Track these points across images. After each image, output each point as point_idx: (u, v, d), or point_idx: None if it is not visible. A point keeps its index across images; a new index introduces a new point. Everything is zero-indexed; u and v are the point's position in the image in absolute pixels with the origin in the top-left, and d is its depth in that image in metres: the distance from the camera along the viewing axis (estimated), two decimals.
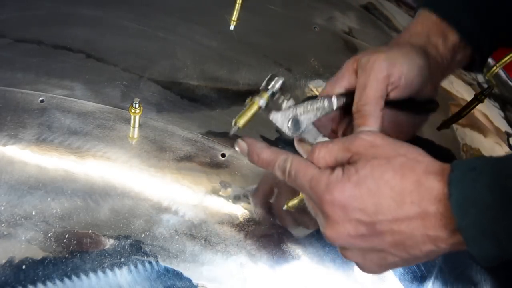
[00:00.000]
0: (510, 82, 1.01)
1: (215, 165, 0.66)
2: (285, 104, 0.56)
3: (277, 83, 0.55)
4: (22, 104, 0.66)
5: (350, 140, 0.50)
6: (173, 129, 0.68)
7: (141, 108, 0.64)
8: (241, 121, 0.55)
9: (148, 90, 0.71)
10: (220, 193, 0.64)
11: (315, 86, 0.79)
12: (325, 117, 0.59)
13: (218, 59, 0.78)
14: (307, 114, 0.57)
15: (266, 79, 0.56)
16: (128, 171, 0.63)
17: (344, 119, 0.61)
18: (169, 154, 0.65)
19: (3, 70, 0.69)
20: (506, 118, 0.93)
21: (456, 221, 0.43)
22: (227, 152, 0.67)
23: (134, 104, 0.63)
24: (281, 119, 0.56)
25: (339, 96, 0.58)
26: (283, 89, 0.56)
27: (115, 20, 0.79)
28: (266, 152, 0.54)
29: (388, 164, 0.47)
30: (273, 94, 0.56)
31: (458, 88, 0.92)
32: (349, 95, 0.58)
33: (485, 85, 0.94)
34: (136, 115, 0.64)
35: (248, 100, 0.56)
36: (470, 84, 0.94)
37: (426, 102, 0.62)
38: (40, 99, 0.67)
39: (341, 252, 0.51)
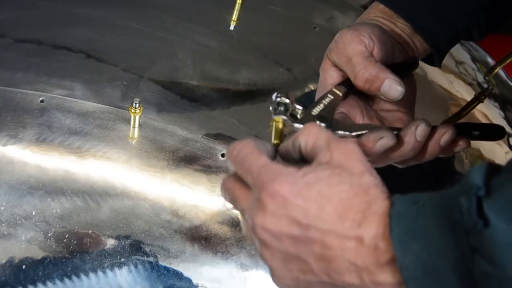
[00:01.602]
0: (510, 82, 1.01)
1: (215, 165, 0.66)
2: (300, 112, 0.56)
3: (284, 100, 0.55)
4: (22, 104, 0.66)
5: (338, 143, 0.46)
6: (173, 129, 0.68)
7: (141, 108, 0.64)
8: (278, 141, 0.53)
9: (148, 90, 0.71)
10: (220, 193, 0.64)
11: (315, 86, 0.79)
12: (340, 115, 0.58)
13: (218, 59, 0.78)
14: (324, 110, 0.56)
15: (273, 101, 0.55)
16: (128, 171, 0.63)
17: (356, 109, 0.59)
18: (169, 154, 0.65)
19: (3, 70, 0.69)
20: (506, 118, 0.93)
21: (398, 258, 0.39)
22: None
23: (134, 104, 0.63)
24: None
25: (336, 86, 0.57)
26: (290, 104, 0.55)
27: (115, 20, 0.79)
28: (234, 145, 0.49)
29: (349, 177, 0.43)
30: (285, 109, 0.55)
31: (458, 88, 0.92)
32: (346, 82, 0.57)
33: (485, 85, 0.94)
34: (136, 115, 0.64)
35: (270, 126, 0.55)
36: (470, 84, 0.94)
37: (403, 62, 0.62)
38: (40, 99, 0.67)
39: (261, 251, 0.46)
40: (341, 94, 0.56)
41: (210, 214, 0.63)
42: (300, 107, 0.56)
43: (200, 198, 0.63)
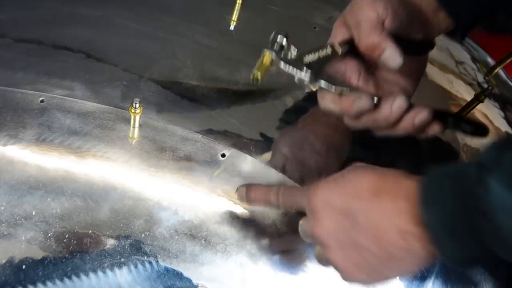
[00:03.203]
0: (510, 82, 1.01)
1: (215, 165, 0.66)
2: (293, 56, 0.57)
3: (282, 39, 0.57)
4: (22, 104, 0.66)
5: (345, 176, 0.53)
6: (173, 129, 0.68)
7: (141, 108, 0.64)
8: (259, 73, 0.56)
9: (148, 90, 0.71)
10: (220, 193, 0.64)
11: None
12: (335, 70, 0.59)
13: (218, 59, 0.78)
14: (317, 61, 0.58)
15: (271, 38, 0.57)
16: (128, 171, 0.63)
17: (354, 70, 0.61)
18: (169, 154, 0.65)
19: (3, 70, 0.69)
20: (506, 118, 0.93)
21: (428, 223, 0.45)
22: (227, 152, 0.67)
23: (134, 104, 0.63)
24: (293, 68, 0.57)
25: (340, 44, 0.58)
26: (288, 45, 0.57)
27: (115, 20, 0.79)
28: (259, 188, 0.61)
29: (372, 169, 0.51)
30: (280, 48, 0.57)
31: (458, 88, 0.92)
32: (350, 45, 0.58)
33: (485, 85, 0.94)
34: (136, 115, 0.64)
35: (261, 56, 0.57)
36: (470, 84, 0.94)
37: (422, 42, 0.63)
38: (40, 99, 0.67)
39: (327, 254, 0.53)
40: (339, 52, 0.58)
41: (210, 214, 0.63)
42: (295, 51, 0.57)
43: (200, 198, 0.63)
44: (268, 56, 0.57)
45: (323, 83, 0.57)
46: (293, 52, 0.58)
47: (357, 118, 0.58)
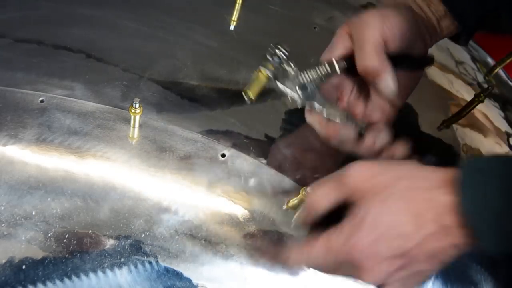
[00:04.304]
0: (510, 82, 1.01)
1: (215, 165, 0.66)
2: (290, 73, 0.57)
3: (280, 52, 0.56)
4: (22, 104, 0.66)
5: (342, 176, 0.50)
6: (173, 129, 0.68)
7: (141, 108, 0.64)
8: (251, 92, 0.56)
9: (148, 90, 0.71)
10: (220, 193, 0.64)
11: None
12: (330, 84, 0.59)
13: (218, 59, 0.78)
14: (313, 80, 0.58)
15: (269, 52, 0.57)
16: (128, 171, 0.63)
17: (348, 85, 0.62)
18: (169, 154, 0.65)
19: (3, 70, 0.69)
20: (506, 118, 0.92)
21: (472, 230, 0.44)
22: (227, 152, 0.67)
23: (134, 104, 0.63)
24: (289, 87, 0.57)
25: (338, 60, 0.58)
26: (286, 59, 0.57)
27: (115, 20, 0.79)
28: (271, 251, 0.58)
29: (392, 195, 0.47)
30: (278, 63, 0.56)
31: (458, 88, 0.92)
32: (348, 59, 0.58)
33: (485, 85, 0.94)
34: (136, 115, 0.64)
35: (255, 72, 0.57)
36: (470, 84, 0.94)
37: (420, 58, 0.63)
38: (40, 99, 0.67)
39: (362, 274, 0.50)
40: (338, 71, 0.58)
41: (210, 214, 0.63)
42: (293, 70, 0.57)
43: (200, 198, 0.63)
44: (263, 73, 0.56)
45: (316, 106, 0.58)
46: (292, 67, 0.57)
47: (340, 143, 0.60)
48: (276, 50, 0.57)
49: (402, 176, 0.48)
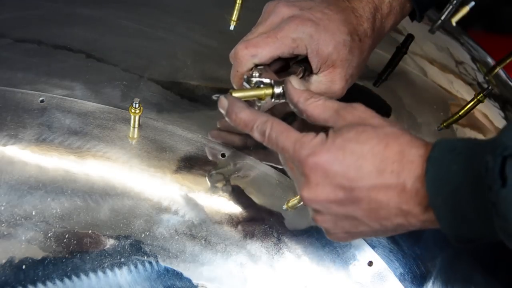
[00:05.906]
0: (510, 82, 1.01)
1: (215, 165, 0.66)
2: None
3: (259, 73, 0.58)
4: (22, 104, 0.66)
5: (346, 108, 0.51)
6: (173, 129, 0.68)
7: (141, 108, 0.64)
8: (237, 94, 0.56)
9: (148, 90, 0.71)
10: (220, 193, 0.64)
11: None
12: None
13: (218, 59, 0.78)
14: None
15: (253, 77, 0.58)
16: (128, 171, 0.63)
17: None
18: (169, 154, 0.65)
19: (3, 70, 0.69)
20: (506, 118, 0.92)
21: (430, 198, 0.44)
22: (227, 152, 0.67)
23: (134, 104, 0.63)
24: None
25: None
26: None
27: (115, 20, 0.79)
28: (245, 113, 0.53)
29: (373, 131, 0.48)
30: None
31: (458, 88, 0.92)
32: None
33: (485, 85, 0.94)
34: (136, 115, 0.64)
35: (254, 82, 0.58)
36: (470, 84, 0.94)
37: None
38: (40, 99, 0.67)
39: (313, 216, 0.52)
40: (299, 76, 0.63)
41: (210, 214, 0.63)
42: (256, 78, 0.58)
43: (200, 198, 0.63)
44: (263, 91, 0.57)
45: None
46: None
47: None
48: (254, 75, 0.58)
49: (388, 125, 0.49)
